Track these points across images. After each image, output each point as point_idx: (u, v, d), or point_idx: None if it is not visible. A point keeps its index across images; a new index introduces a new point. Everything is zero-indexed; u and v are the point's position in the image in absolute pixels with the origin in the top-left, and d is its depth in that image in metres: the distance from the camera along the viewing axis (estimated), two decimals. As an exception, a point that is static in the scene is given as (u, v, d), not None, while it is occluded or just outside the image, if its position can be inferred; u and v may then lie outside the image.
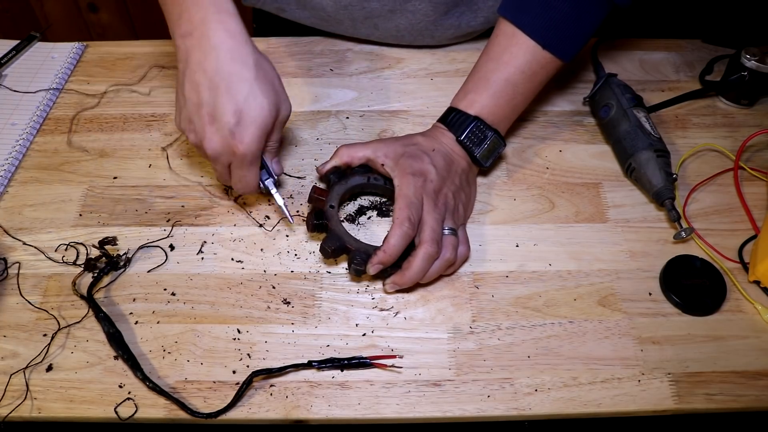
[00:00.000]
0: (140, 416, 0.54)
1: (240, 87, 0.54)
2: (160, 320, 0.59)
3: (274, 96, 0.57)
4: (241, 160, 0.56)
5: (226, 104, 0.54)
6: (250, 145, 0.55)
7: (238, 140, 0.55)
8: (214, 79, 0.54)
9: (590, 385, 0.55)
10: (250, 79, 0.54)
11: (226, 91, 0.54)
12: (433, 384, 0.55)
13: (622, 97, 0.70)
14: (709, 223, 0.66)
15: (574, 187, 0.69)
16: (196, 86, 0.55)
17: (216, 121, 0.55)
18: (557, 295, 0.61)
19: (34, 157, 0.71)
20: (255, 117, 0.55)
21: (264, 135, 0.56)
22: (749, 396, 0.55)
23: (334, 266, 0.63)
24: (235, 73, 0.54)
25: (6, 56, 0.80)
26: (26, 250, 0.64)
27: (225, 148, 0.56)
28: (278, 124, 0.59)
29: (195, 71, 0.55)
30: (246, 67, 0.55)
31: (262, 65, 0.56)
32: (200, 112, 0.55)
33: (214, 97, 0.54)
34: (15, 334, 0.58)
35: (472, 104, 0.64)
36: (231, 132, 0.54)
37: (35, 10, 1.52)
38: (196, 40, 0.55)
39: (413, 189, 0.58)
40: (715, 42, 0.83)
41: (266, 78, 0.56)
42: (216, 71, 0.54)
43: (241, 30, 0.56)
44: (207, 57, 0.55)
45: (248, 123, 0.55)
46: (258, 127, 0.55)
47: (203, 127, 0.56)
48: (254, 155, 0.56)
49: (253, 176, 0.59)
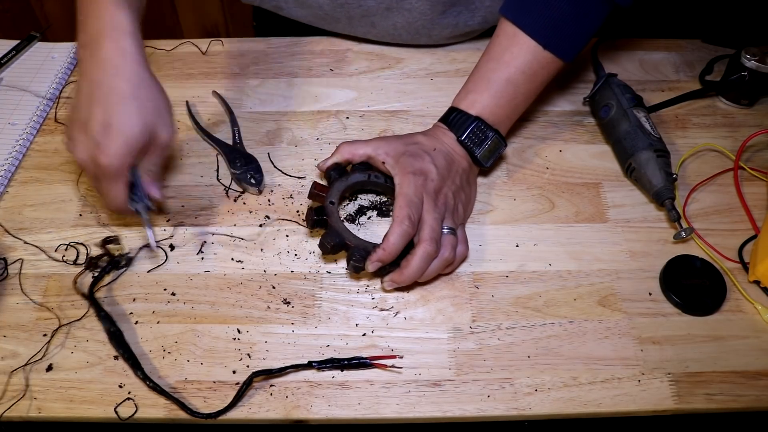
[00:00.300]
0: (140, 416, 0.54)
1: (115, 101, 0.55)
2: (160, 320, 0.59)
3: (152, 118, 0.57)
4: (104, 173, 0.56)
5: (98, 114, 0.55)
6: (112, 159, 0.55)
7: (101, 151, 0.55)
8: (93, 90, 0.55)
9: (590, 385, 0.55)
10: (128, 97, 0.55)
11: (100, 102, 0.55)
12: (433, 384, 0.55)
13: (622, 97, 0.70)
14: (709, 223, 0.66)
15: (574, 187, 0.69)
16: (80, 93, 0.56)
17: (87, 131, 0.55)
18: (557, 295, 0.61)
19: (34, 157, 0.71)
20: (122, 131, 0.55)
21: (130, 151, 0.56)
22: (749, 396, 0.55)
23: (334, 266, 0.63)
24: (114, 89, 0.55)
25: (6, 56, 0.80)
26: (26, 250, 0.64)
27: (90, 158, 0.56)
28: (156, 148, 0.58)
29: (83, 79, 0.57)
30: (128, 84, 0.55)
31: (146, 86, 0.57)
32: (76, 117, 0.56)
33: (89, 107, 0.55)
34: (15, 334, 0.58)
35: (473, 104, 0.64)
36: (96, 142, 0.55)
37: (35, 10, 1.52)
38: (89, 52, 0.56)
39: (413, 188, 0.58)
40: (715, 42, 0.83)
41: (148, 99, 0.57)
42: (98, 84, 0.55)
43: (136, 50, 0.56)
44: (93, 68, 0.56)
45: (114, 136, 0.55)
46: (124, 141, 0.55)
47: (75, 133, 0.56)
48: (117, 169, 0.56)
49: (118, 192, 0.58)
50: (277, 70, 0.80)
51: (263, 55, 0.82)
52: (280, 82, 0.79)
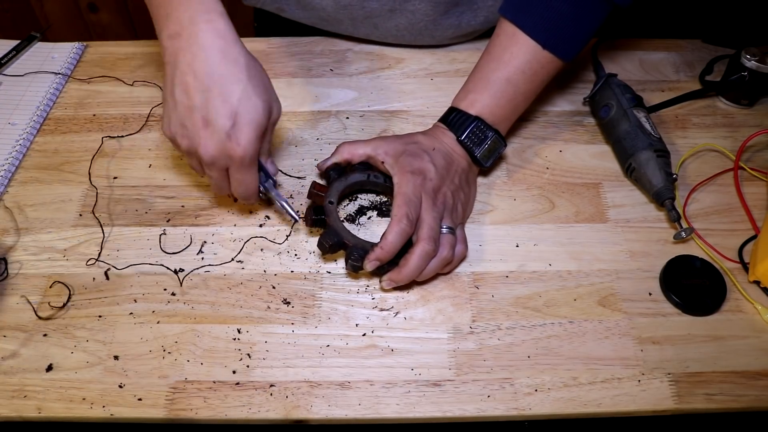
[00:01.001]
0: (140, 416, 0.54)
1: (233, 88, 0.53)
2: (160, 320, 0.59)
3: (267, 96, 0.56)
4: (239, 163, 0.55)
5: (220, 107, 0.53)
6: (247, 147, 0.54)
7: (235, 142, 0.54)
8: (205, 82, 0.53)
9: (590, 385, 0.55)
10: (243, 80, 0.54)
11: (219, 93, 0.53)
12: (433, 384, 0.55)
13: (622, 97, 0.70)
14: (709, 223, 0.66)
15: (574, 187, 0.69)
16: (187, 89, 0.54)
17: (210, 125, 0.53)
18: (557, 295, 0.61)
19: (34, 157, 0.71)
20: (251, 118, 0.54)
21: (260, 136, 0.55)
22: (749, 396, 0.55)
23: (334, 266, 0.63)
24: (227, 75, 0.53)
25: (6, 56, 0.80)
26: (26, 250, 0.64)
27: (221, 152, 0.55)
28: (271, 125, 0.58)
29: (185, 73, 0.54)
30: (238, 67, 0.54)
31: (253, 65, 0.55)
32: (193, 116, 0.54)
33: (206, 100, 0.53)
34: (15, 334, 0.58)
35: (473, 104, 0.64)
36: (227, 135, 0.53)
37: (35, 10, 1.52)
38: (185, 41, 0.54)
39: (412, 187, 0.59)
40: (715, 42, 0.83)
41: (258, 78, 0.55)
42: (207, 73, 0.53)
43: (231, 30, 0.55)
44: (196, 58, 0.53)
45: (244, 124, 0.54)
46: (254, 128, 0.54)
47: (197, 132, 0.54)
48: (252, 157, 0.56)
49: (253, 179, 0.58)
50: (277, 70, 0.80)
51: (263, 55, 0.82)
52: (280, 82, 0.79)
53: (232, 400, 0.54)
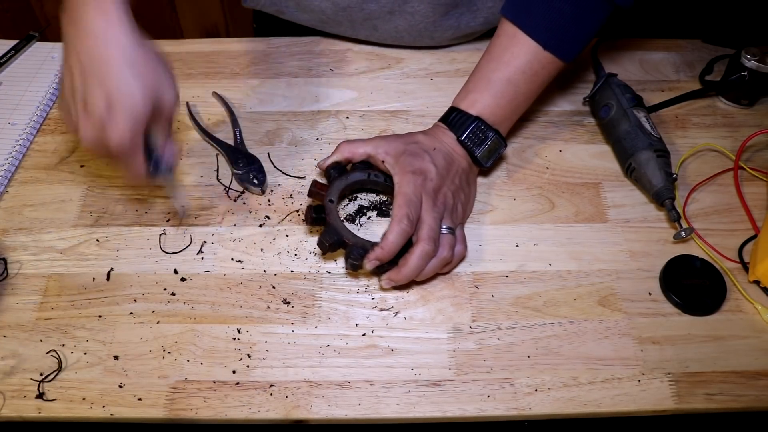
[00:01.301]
0: (140, 416, 0.54)
1: (110, 72, 0.51)
2: (160, 320, 0.59)
3: (152, 83, 0.53)
4: (117, 152, 0.53)
5: (96, 91, 0.51)
6: (122, 137, 0.52)
7: (110, 130, 0.51)
8: (85, 64, 0.51)
9: (590, 385, 0.55)
10: (122, 65, 0.51)
11: (95, 76, 0.51)
12: (433, 384, 0.55)
13: (622, 97, 0.70)
14: (709, 223, 0.66)
15: (574, 187, 0.69)
16: (70, 71, 0.52)
17: (88, 111, 0.52)
18: (557, 295, 0.61)
19: (34, 157, 0.71)
20: (126, 105, 0.51)
21: (139, 125, 0.52)
22: (749, 396, 0.55)
23: (334, 266, 0.63)
24: (107, 59, 0.51)
25: (5, 56, 0.80)
26: (26, 250, 0.64)
27: (98, 138, 0.52)
28: (163, 110, 0.55)
29: (70, 54, 0.52)
30: (119, 50, 0.51)
31: (140, 51, 0.52)
32: (75, 99, 0.52)
33: (85, 84, 0.51)
34: (15, 334, 0.58)
35: (473, 104, 0.64)
36: (102, 121, 0.51)
37: (35, 10, 1.52)
38: (73, 23, 0.52)
39: (413, 187, 0.59)
40: (715, 42, 0.83)
41: (143, 63, 0.52)
42: (87, 55, 0.51)
43: (120, 12, 0.52)
44: (79, 39, 0.51)
45: (118, 112, 0.51)
46: (130, 115, 0.51)
47: (77, 116, 0.53)
48: (130, 146, 0.53)
49: (137, 166, 0.55)
50: (277, 70, 0.80)
51: (263, 55, 0.82)
52: (280, 82, 0.79)
53: (232, 400, 0.54)
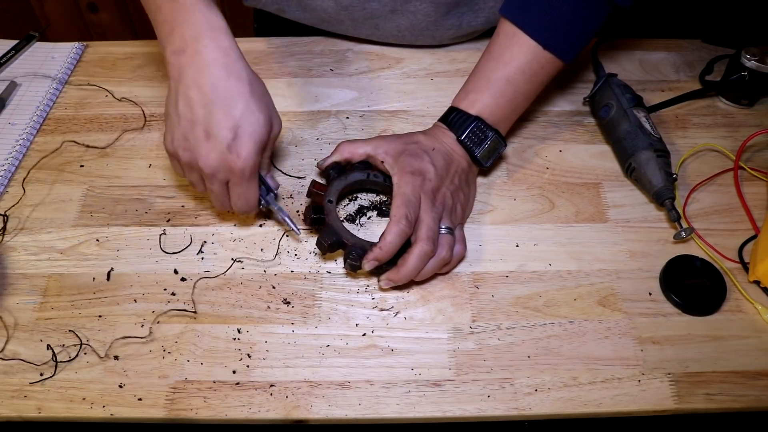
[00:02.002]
0: (140, 416, 0.54)
1: (236, 102, 0.54)
2: (160, 320, 0.59)
3: (268, 111, 0.57)
4: (240, 176, 0.56)
5: (222, 120, 0.54)
6: (247, 160, 0.55)
7: (235, 155, 0.55)
8: (209, 96, 0.54)
9: (590, 385, 0.55)
10: (246, 95, 0.55)
11: (222, 107, 0.54)
12: (433, 384, 0.55)
13: (622, 97, 0.70)
14: (709, 223, 0.66)
15: (574, 187, 0.69)
16: (190, 103, 0.55)
17: (212, 137, 0.54)
18: (557, 295, 0.61)
19: (34, 157, 0.71)
20: (252, 132, 0.55)
21: (261, 149, 0.56)
22: (749, 396, 0.55)
23: (334, 266, 0.63)
24: (230, 89, 0.54)
25: (5, 56, 0.80)
26: (26, 250, 0.64)
27: (222, 164, 0.55)
28: (271, 140, 0.59)
29: (189, 87, 0.55)
30: (241, 82, 0.55)
31: (255, 81, 0.57)
32: (195, 129, 0.55)
33: (209, 114, 0.54)
34: (15, 334, 0.58)
35: (473, 104, 0.64)
36: (228, 147, 0.54)
37: (35, 10, 1.52)
38: (189, 57, 0.55)
39: (411, 187, 0.59)
40: (715, 42, 0.83)
41: (260, 94, 0.57)
42: (211, 87, 0.54)
43: (234, 47, 0.56)
44: (201, 73, 0.54)
45: (245, 137, 0.55)
46: (255, 140, 0.55)
47: (198, 144, 0.55)
48: (252, 170, 0.56)
49: (254, 192, 0.59)
50: (277, 70, 0.80)
51: (263, 55, 0.82)
52: (280, 82, 0.79)
53: (232, 400, 0.54)
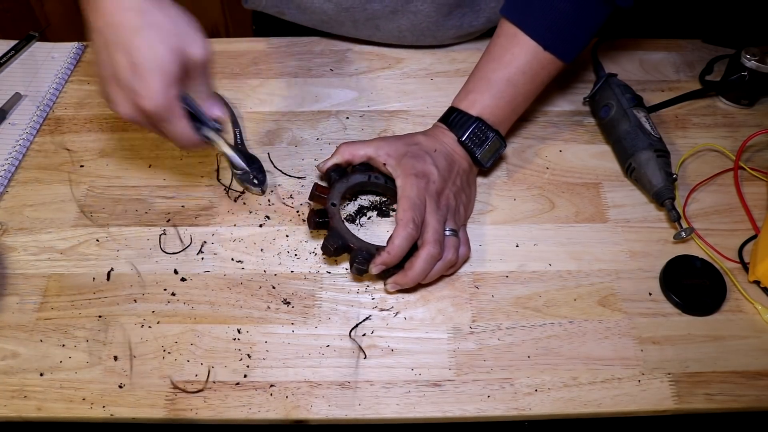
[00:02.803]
0: (140, 416, 0.54)
1: (130, 37, 0.49)
2: (160, 320, 0.59)
3: (175, 39, 0.51)
4: (155, 117, 0.51)
5: (120, 60, 0.50)
6: (154, 98, 0.50)
7: (140, 96, 0.50)
8: (106, 35, 0.50)
9: (590, 385, 0.55)
10: (140, 27, 0.50)
11: (117, 46, 0.50)
12: (433, 384, 0.55)
13: (622, 97, 0.70)
14: (709, 223, 0.66)
15: (574, 187, 0.69)
16: (96, 47, 0.51)
17: (118, 80, 0.50)
18: (557, 295, 0.61)
19: (34, 157, 0.71)
20: (153, 67, 0.50)
21: (169, 83, 0.51)
22: (749, 396, 0.55)
23: (334, 266, 0.63)
24: (122, 25, 0.50)
25: (5, 56, 0.80)
26: (26, 250, 0.64)
27: (134, 108, 0.51)
28: (195, 68, 0.53)
29: (92, 31, 0.51)
30: (134, 14, 0.50)
31: (156, 10, 0.51)
32: (105, 74, 0.51)
33: (110, 55, 0.50)
34: (15, 334, 0.58)
35: (474, 104, 0.64)
36: (132, 89, 0.50)
37: (35, 10, 1.52)
38: (90, 5, 0.51)
39: (416, 190, 0.58)
40: (715, 42, 0.83)
41: (163, 22, 0.51)
42: (106, 26, 0.50)
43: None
44: (97, 14, 0.51)
45: (146, 75, 0.50)
46: (159, 75, 0.50)
47: (111, 90, 0.52)
48: (166, 107, 0.51)
49: (182, 128, 0.54)
50: (277, 70, 0.80)
51: (263, 55, 0.82)
52: (280, 82, 0.79)
53: (232, 400, 0.54)
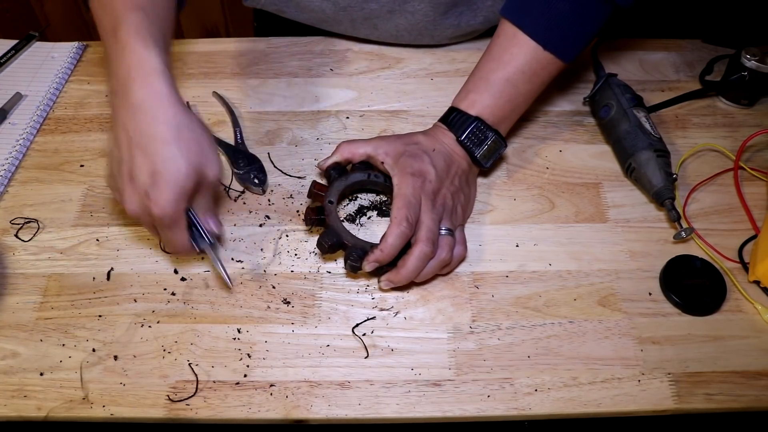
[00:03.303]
0: (140, 416, 0.54)
1: (158, 148, 0.53)
2: (160, 320, 0.59)
3: (197, 158, 0.54)
4: (159, 223, 0.55)
5: (143, 165, 0.53)
6: (165, 208, 0.53)
7: (153, 202, 0.53)
8: (134, 139, 0.53)
9: (590, 385, 0.55)
10: (169, 141, 0.53)
11: (143, 151, 0.53)
12: (433, 384, 0.55)
13: (622, 97, 0.70)
14: (709, 223, 0.66)
15: (574, 187, 0.69)
16: (119, 144, 0.54)
17: (134, 181, 0.53)
18: (557, 295, 0.61)
19: (34, 157, 0.71)
20: (171, 180, 0.53)
21: (182, 197, 0.54)
22: (749, 396, 0.55)
23: (334, 266, 0.63)
24: (154, 134, 0.53)
25: (5, 56, 0.80)
26: (26, 250, 0.64)
27: (142, 209, 0.54)
28: (205, 187, 0.57)
29: (119, 129, 0.54)
30: (167, 128, 0.53)
31: (186, 127, 0.54)
32: (121, 170, 0.54)
33: (132, 157, 0.53)
34: (15, 334, 0.58)
35: (473, 104, 0.64)
36: (146, 193, 0.53)
37: (35, 10, 1.52)
38: (121, 99, 0.54)
39: (412, 189, 0.59)
40: (715, 42, 0.83)
41: (190, 140, 0.54)
42: (135, 131, 0.53)
43: (166, 90, 0.54)
44: (128, 116, 0.53)
45: (163, 185, 0.53)
46: (174, 189, 0.53)
47: (124, 186, 0.54)
48: (172, 218, 0.54)
49: (179, 238, 0.57)
50: (277, 70, 0.80)
51: (263, 55, 0.82)
52: (280, 82, 0.79)
53: (232, 400, 0.54)
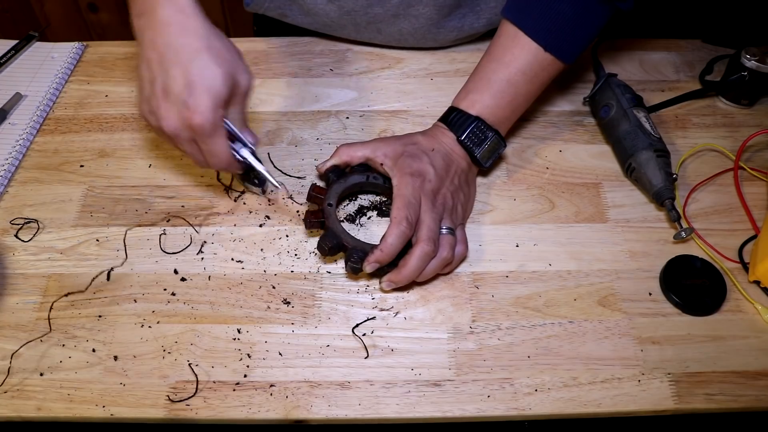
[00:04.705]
0: (140, 416, 0.54)
1: (190, 58, 0.53)
2: (160, 320, 0.59)
3: (229, 66, 0.55)
4: (200, 133, 0.55)
5: (177, 76, 0.53)
6: (204, 114, 0.53)
7: (192, 111, 0.53)
8: (164, 54, 0.54)
9: (590, 385, 0.55)
10: (200, 49, 0.54)
11: (176, 63, 0.53)
12: (433, 384, 0.55)
13: (622, 97, 0.70)
14: (709, 223, 0.66)
15: (574, 187, 0.69)
16: (150, 64, 0.55)
17: (169, 96, 0.54)
18: (557, 295, 0.61)
19: (34, 157, 0.71)
20: (207, 86, 0.53)
21: (219, 104, 0.55)
22: (749, 396, 0.55)
23: (334, 266, 0.63)
24: (184, 45, 0.54)
25: (5, 56, 0.80)
26: (26, 250, 0.64)
27: (182, 122, 0.54)
28: (239, 95, 0.57)
29: (148, 48, 0.55)
30: (196, 38, 0.54)
31: (214, 36, 0.55)
32: (155, 90, 0.55)
33: (165, 72, 0.54)
34: (15, 334, 0.58)
35: (473, 104, 0.64)
36: (184, 103, 0.53)
37: (35, 10, 1.52)
38: (147, 19, 0.55)
39: (411, 189, 0.59)
40: (715, 42, 0.83)
41: (219, 48, 0.55)
42: (166, 45, 0.54)
43: (192, 5, 0.55)
44: (156, 33, 0.54)
45: (200, 92, 0.53)
46: (211, 95, 0.54)
47: (159, 105, 0.55)
48: (212, 125, 0.55)
49: (222, 147, 0.57)
50: (277, 70, 0.80)
51: (263, 55, 0.82)
52: (280, 82, 0.79)
53: (232, 400, 0.54)
